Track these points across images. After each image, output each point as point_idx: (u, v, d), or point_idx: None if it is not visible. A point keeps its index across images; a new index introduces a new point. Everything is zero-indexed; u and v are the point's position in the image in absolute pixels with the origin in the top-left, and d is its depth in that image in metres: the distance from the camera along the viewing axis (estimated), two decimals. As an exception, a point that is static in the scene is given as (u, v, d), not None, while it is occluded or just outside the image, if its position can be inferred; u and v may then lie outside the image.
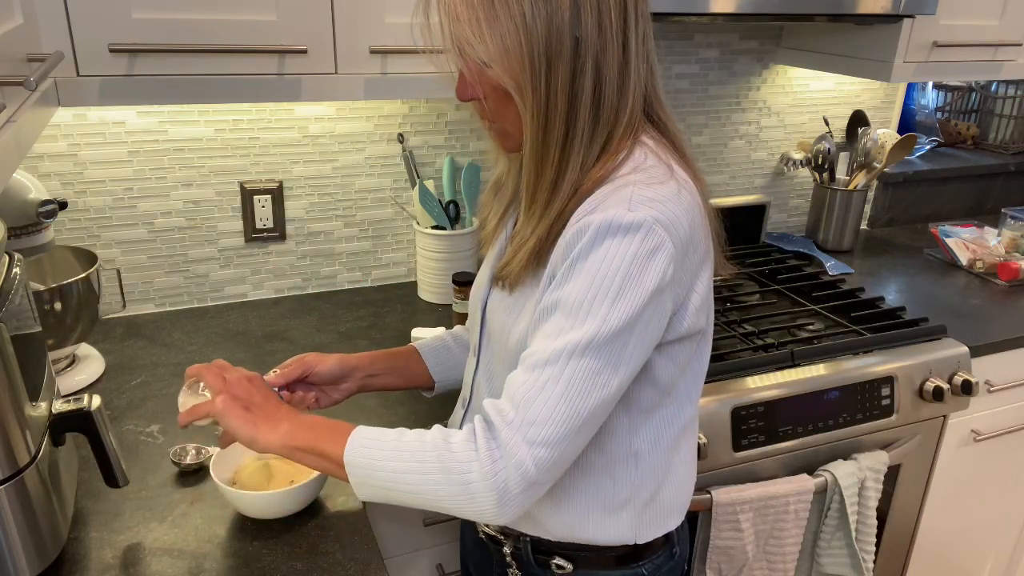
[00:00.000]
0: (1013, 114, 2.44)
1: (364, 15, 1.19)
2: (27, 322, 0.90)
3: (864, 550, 1.40)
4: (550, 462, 0.75)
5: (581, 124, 0.78)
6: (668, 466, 0.90)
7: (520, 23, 0.74)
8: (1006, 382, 1.61)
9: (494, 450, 0.75)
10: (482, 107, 0.83)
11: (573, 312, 0.75)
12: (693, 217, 0.79)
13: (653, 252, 0.74)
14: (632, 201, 0.75)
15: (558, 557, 0.92)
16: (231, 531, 0.98)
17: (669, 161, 0.81)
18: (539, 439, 0.74)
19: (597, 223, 0.75)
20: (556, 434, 0.74)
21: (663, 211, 0.75)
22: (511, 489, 0.75)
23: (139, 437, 1.16)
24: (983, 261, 1.89)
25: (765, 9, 1.38)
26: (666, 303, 0.78)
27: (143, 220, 1.50)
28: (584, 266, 0.75)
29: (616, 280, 0.74)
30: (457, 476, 0.76)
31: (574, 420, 0.75)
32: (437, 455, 0.77)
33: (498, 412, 0.77)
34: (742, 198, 1.92)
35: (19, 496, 0.83)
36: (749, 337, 1.49)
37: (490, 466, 0.75)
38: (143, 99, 1.13)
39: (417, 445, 0.79)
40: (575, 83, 0.77)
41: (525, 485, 0.75)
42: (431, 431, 0.81)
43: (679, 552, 0.97)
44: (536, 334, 0.79)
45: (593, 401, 0.75)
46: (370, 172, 1.63)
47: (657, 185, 0.77)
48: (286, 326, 1.52)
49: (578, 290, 0.75)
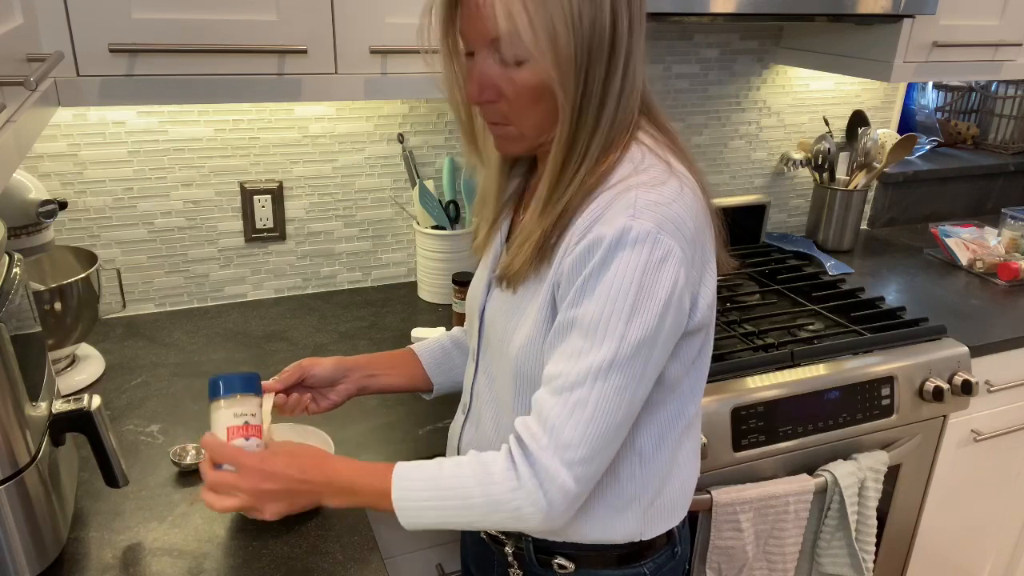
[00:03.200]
0: (1013, 114, 2.44)
1: (364, 15, 1.19)
2: (27, 322, 0.90)
3: (864, 550, 1.40)
4: (588, 476, 0.78)
5: (606, 121, 0.79)
6: (672, 462, 0.90)
7: (570, 17, 0.74)
8: (1006, 382, 1.61)
9: (536, 476, 0.78)
10: (495, 109, 0.82)
11: (591, 333, 0.76)
12: (697, 214, 0.79)
13: (663, 261, 0.75)
14: (636, 207, 0.75)
15: (560, 557, 0.92)
16: (231, 531, 0.98)
17: (667, 157, 0.81)
18: (576, 459, 0.77)
19: (607, 240, 0.75)
20: (591, 451, 0.77)
21: (667, 214, 0.76)
22: (558, 507, 0.78)
23: (139, 437, 1.16)
24: (983, 261, 1.89)
25: (765, 9, 1.38)
26: (684, 305, 0.79)
27: (143, 220, 1.50)
28: (597, 284, 0.76)
29: (630, 296, 0.74)
30: (506, 505, 0.79)
31: (606, 435, 0.77)
32: (481, 490, 0.80)
33: (532, 438, 0.78)
34: (742, 198, 1.92)
35: (19, 496, 0.83)
36: (749, 337, 1.49)
37: (536, 493, 0.78)
38: (143, 99, 1.13)
39: (458, 481, 0.81)
40: (609, 81, 0.77)
41: (570, 500, 0.78)
42: (468, 461, 0.82)
43: (680, 551, 0.98)
44: (555, 353, 0.79)
45: (623, 414, 0.78)
46: (370, 172, 1.63)
47: (660, 186, 0.77)
48: (286, 326, 1.52)
49: (594, 309, 0.76)
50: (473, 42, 0.80)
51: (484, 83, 0.80)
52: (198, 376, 1.33)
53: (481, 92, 0.81)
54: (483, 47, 0.79)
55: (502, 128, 0.84)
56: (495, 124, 0.84)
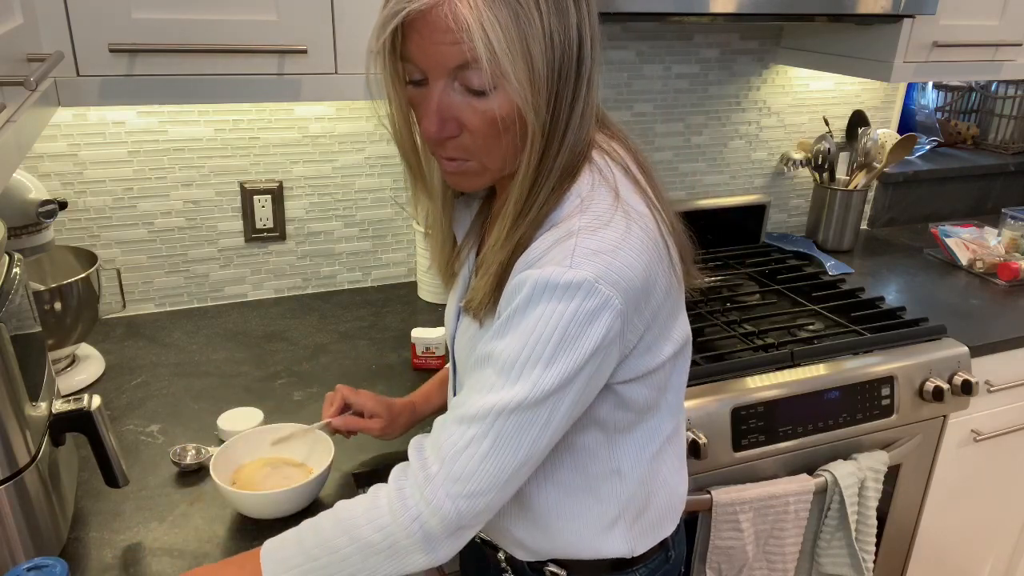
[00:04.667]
0: (1013, 114, 2.44)
1: (364, 15, 1.19)
2: (27, 322, 0.90)
3: (864, 550, 1.40)
4: (476, 511, 0.74)
5: (567, 145, 0.75)
6: (654, 477, 0.88)
7: (542, 37, 0.69)
8: (1006, 382, 1.61)
9: (417, 505, 0.74)
10: (456, 143, 0.75)
11: (505, 371, 0.72)
12: (649, 257, 0.73)
13: (595, 313, 0.70)
14: (575, 256, 0.70)
15: (552, 564, 0.92)
16: (231, 531, 0.98)
17: (616, 184, 0.76)
18: (463, 493, 0.73)
19: (534, 280, 0.70)
20: (482, 487, 0.73)
21: (610, 264, 0.70)
22: (436, 536, 0.75)
23: (139, 437, 1.16)
24: (983, 261, 1.89)
25: (765, 9, 1.38)
26: (611, 356, 0.74)
27: (143, 220, 1.50)
28: (520, 323, 0.72)
29: (551, 343, 0.70)
30: (379, 544, 0.75)
31: (501, 473, 0.73)
32: (349, 537, 0.76)
33: (422, 464, 0.75)
34: (742, 198, 1.92)
35: (19, 496, 0.83)
36: (749, 337, 1.49)
37: (413, 524, 0.74)
38: (143, 99, 1.13)
39: (323, 537, 0.77)
40: (575, 102, 0.74)
41: (451, 531, 0.75)
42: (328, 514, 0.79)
43: (674, 556, 0.97)
44: (469, 379, 0.77)
45: (523, 455, 0.74)
46: (370, 172, 1.63)
47: (602, 230, 0.72)
48: (286, 326, 1.52)
49: (512, 348, 0.72)
50: (431, 69, 0.71)
51: (445, 115, 0.73)
52: (198, 376, 1.33)
53: (442, 127, 0.73)
54: (442, 76, 0.71)
55: (461, 164, 0.77)
56: (452, 160, 0.77)
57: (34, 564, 0.73)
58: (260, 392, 1.29)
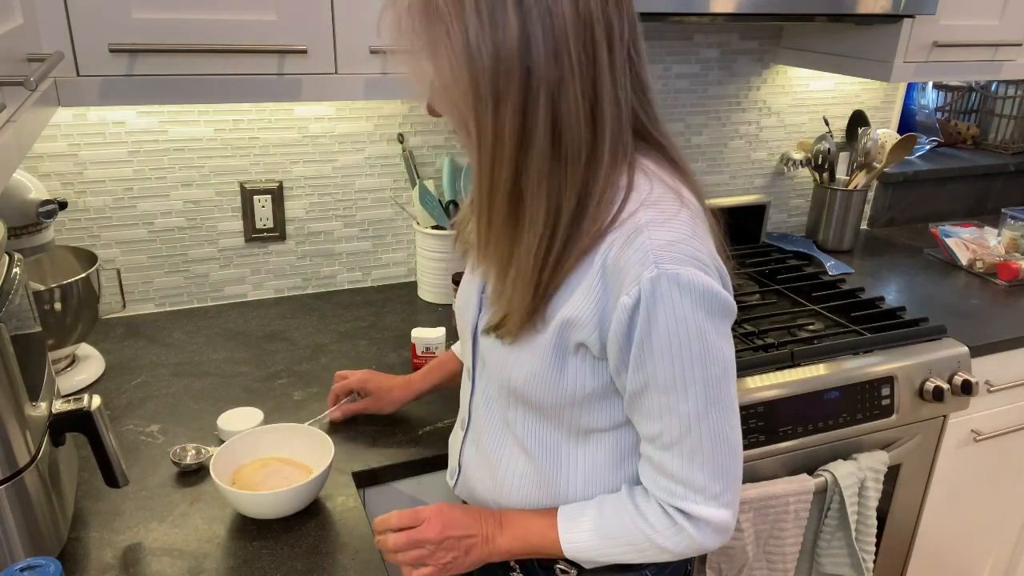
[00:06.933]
0: (1013, 114, 2.44)
1: (364, 15, 1.19)
2: (27, 322, 0.90)
3: (864, 550, 1.40)
4: (734, 495, 0.81)
5: (535, 170, 0.71)
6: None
7: (463, 51, 0.67)
8: (1006, 382, 1.61)
9: (694, 525, 0.80)
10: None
11: (671, 389, 0.76)
12: (707, 240, 0.78)
13: (702, 296, 0.73)
14: (655, 253, 0.72)
15: (562, 562, 0.92)
16: (231, 531, 0.98)
17: (677, 186, 0.78)
18: (718, 492, 0.79)
19: (642, 300, 0.72)
20: (727, 479, 0.80)
21: (686, 251, 0.73)
22: (723, 535, 0.82)
23: (139, 437, 1.16)
24: (983, 261, 1.89)
25: (765, 9, 1.38)
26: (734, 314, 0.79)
27: (143, 220, 1.50)
28: (654, 345, 0.74)
29: (693, 343, 0.74)
30: (673, 549, 0.82)
31: (730, 459, 0.80)
32: (648, 541, 0.82)
33: (672, 496, 0.80)
34: (742, 198, 1.92)
35: (19, 496, 0.83)
36: (749, 337, 1.49)
37: (700, 536, 0.81)
38: (143, 99, 1.13)
39: (623, 529, 0.83)
40: (525, 121, 0.69)
41: (731, 525, 0.82)
42: (626, 508, 0.84)
43: None
44: (638, 412, 0.80)
45: (733, 435, 0.79)
46: (370, 172, 1.63)
47: (671, 221, 0.74)
48: (286, 326, 1.52)
49: (663, 369, 0.75)
50: None
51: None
52: (198, 376, 1.33)
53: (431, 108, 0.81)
54: None
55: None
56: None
57: (27, 564, 0.73)
58: (260, 392, 1.29)
